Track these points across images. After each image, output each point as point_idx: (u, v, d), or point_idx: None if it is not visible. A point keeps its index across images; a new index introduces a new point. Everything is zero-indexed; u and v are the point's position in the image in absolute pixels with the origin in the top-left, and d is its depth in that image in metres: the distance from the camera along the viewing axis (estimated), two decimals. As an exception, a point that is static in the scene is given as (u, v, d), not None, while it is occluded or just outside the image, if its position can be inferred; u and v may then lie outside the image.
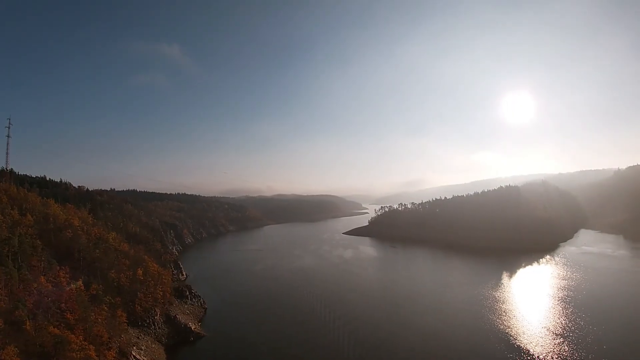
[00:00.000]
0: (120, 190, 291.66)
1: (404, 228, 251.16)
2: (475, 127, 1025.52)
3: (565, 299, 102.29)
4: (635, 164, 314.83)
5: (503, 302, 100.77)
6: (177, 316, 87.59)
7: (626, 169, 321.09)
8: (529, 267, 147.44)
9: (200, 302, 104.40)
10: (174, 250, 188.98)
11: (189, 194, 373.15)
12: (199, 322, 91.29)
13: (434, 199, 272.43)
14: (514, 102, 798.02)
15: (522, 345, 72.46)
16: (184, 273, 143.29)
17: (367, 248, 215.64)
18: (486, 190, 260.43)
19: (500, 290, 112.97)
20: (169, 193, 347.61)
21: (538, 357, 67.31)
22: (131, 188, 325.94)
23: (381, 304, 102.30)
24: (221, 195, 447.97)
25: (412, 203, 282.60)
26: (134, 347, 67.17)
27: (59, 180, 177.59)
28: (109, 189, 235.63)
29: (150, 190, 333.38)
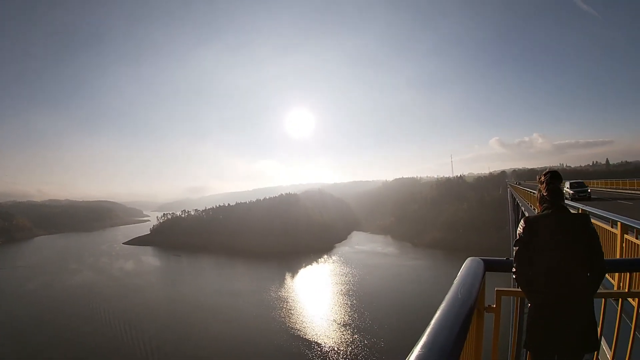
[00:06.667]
0: None
1: (187, 236, 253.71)
2: (260, 137, 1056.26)
3: (346, 292, 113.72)
4: (400, 177, 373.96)
5: (290, 302, 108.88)
6: None
7: (392, 180, 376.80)
8: (309, 267, 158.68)
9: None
10: None
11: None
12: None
13: (218, 206, 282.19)
14: (297, 117, 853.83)
15: (313, 338, 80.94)
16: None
17: (149, 258, 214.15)
18: (268, 197, 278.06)
19: (286, 291, 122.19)
20: None
21: (331, 347, 76.43)
22: None
23: (170, 320, 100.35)
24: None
25: (195, 210, 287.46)
26: None
27: None
28: None
29: None
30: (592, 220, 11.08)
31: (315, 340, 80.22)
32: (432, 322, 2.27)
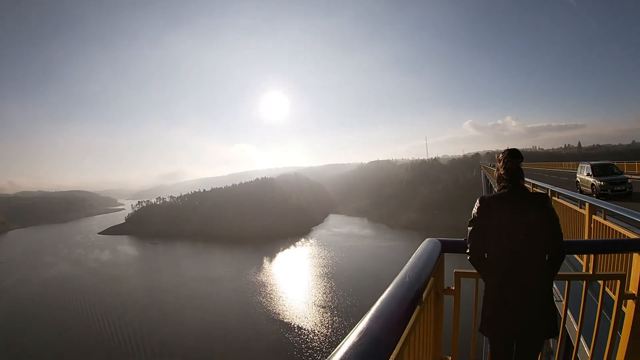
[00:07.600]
0: None
1: (164, 223, 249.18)
2: (235, 121, 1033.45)
3: (325, 275, 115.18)
4: (376, 160, 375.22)
5: (269, 286, 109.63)
6: None
7: (367, 163, 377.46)
8: (287, 251, 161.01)
9: None
10: None
11: None
12: None
13: (193, 192, 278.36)
14: (272, 100, 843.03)
15: (293, 322, 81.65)
16: None
17: (126, 247, 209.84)
18: (244, 182, 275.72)
19: (264, 276, 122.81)
20: None
21: (311, 329, 77.02)
22: None
23: (152, 311, 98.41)
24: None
25: (170, 197, 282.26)
26: None
27: None
28: None
29: None
30: (560, 201, 11.17)
31: (295, 324, 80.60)
32: (374, 307, 2.15)
